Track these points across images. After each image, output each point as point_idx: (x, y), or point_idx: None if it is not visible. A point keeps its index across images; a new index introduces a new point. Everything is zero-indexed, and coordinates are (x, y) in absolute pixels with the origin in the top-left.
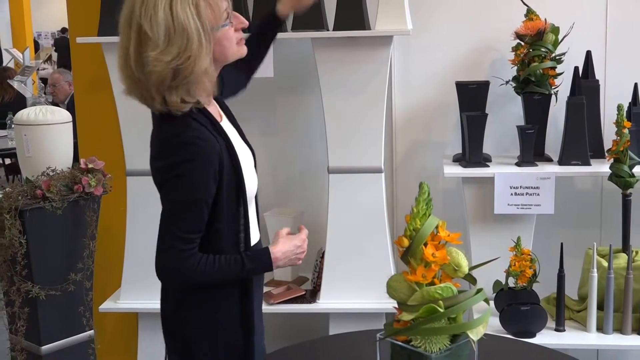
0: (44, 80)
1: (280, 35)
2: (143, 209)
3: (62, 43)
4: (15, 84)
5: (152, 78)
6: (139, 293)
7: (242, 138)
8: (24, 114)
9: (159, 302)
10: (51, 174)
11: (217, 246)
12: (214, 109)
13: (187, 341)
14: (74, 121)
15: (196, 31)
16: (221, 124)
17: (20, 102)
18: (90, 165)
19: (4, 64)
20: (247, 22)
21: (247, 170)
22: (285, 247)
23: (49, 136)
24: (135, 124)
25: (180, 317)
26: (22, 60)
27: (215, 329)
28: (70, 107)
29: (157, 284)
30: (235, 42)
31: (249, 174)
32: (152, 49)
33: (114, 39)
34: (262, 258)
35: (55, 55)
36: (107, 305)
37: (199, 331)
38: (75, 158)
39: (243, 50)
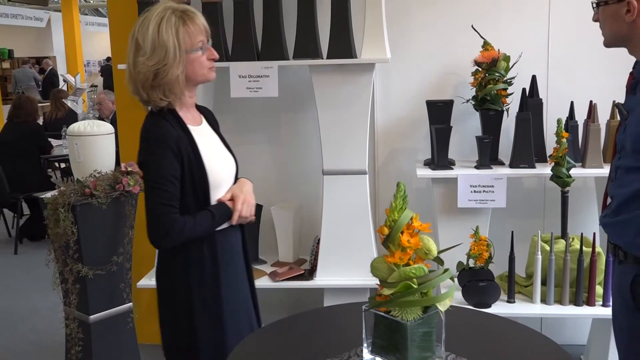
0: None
1: (283, 62)
2: None
3: (106, 69)
4: (68, 103)
5: (140, 77)
6: None
7: (226, 147)
8: (75, 127)
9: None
10: (97, 175)
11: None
12: (189, 115)
13: (183, 298)
14: (116, 132)
15: (173, 47)
16: (199, 126)
17: (72, 117)
18: (129, 169)
19: (60, 87)
20: (217, 55)
21: (219, 165)
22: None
23: (95, 145)
24: None
25: (174, 282)
26: (74, 84)
27: (192, 287)
28: (113, 121)
29: None
30: (205, 66)
31: (221, 170)
32: (141, 55)
33: None
34: (220, 205)
35: (101, 79)
36: (144, 282)
37: (183, 288)
38: (117, 162)
39: (211, 76)
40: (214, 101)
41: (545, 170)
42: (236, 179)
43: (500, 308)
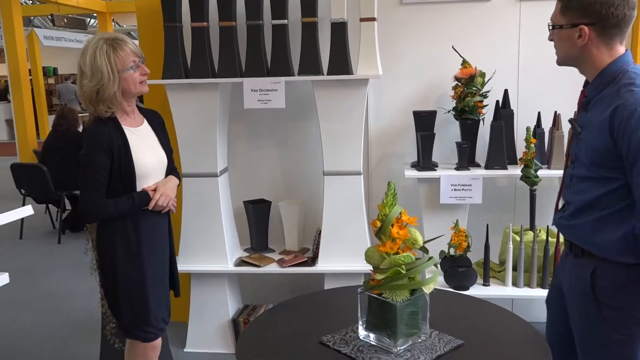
0: None
1: (289, 78)
2: (194, 200)
3: None
4: None
5: (86, 96)
6: (192, 259)
7: (163, 144)
8: None
9: (208, 265)
10: None
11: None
12: (129, 119)
13: (109, 259)
14: None
15: (107, 70)
16: (137, 127)
17: None
18: None
19: None
20: (147, 71)
21: (148, 158)
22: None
23: None
24: (188, 140)
25: (104, 245)
26: None
27: (116, 252)
28: None
29: (206, 252)
30: (137, 81)
31: (150, 162)
32: (85, 79)
33: (174, 81)
34: (142, 193)
35: None
36: None
37: (111, 253)
38: None
39: (144, 89)
40: (230, 112)
41: (516, 171)
42: (168, 172)
43: (477, 290)
